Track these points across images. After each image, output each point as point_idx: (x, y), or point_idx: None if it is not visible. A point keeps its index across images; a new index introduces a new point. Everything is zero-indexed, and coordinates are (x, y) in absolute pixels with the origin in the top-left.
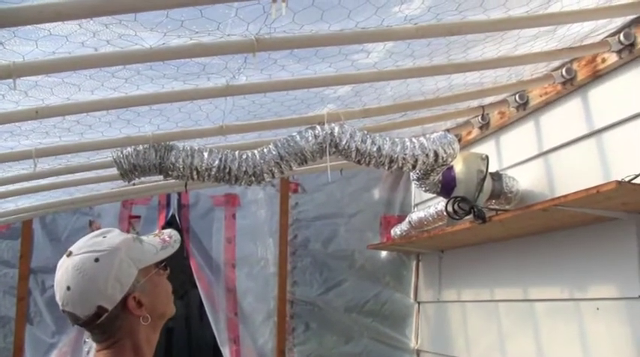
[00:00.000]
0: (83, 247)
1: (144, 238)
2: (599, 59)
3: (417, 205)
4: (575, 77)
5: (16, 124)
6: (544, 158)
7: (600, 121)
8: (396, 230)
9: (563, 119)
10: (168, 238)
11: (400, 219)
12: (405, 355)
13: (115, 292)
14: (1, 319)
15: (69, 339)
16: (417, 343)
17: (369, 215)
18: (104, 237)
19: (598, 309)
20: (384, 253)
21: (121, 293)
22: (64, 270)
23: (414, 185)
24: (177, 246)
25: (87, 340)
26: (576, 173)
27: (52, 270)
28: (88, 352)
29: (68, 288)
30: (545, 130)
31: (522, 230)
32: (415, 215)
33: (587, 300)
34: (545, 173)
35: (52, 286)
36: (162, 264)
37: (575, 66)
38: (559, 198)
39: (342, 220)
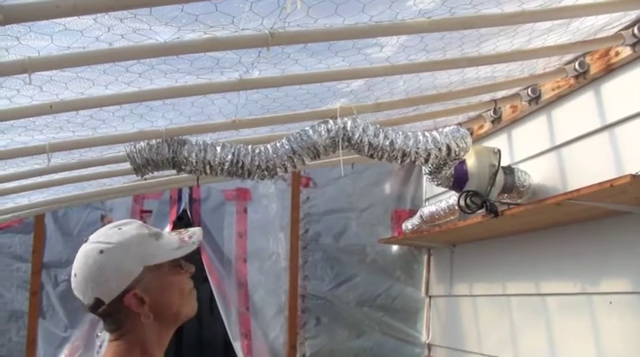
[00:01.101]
0: (97, 236)
1: (164, 234)
2: (612, 53)
3: (428, 199)
4: (588, 71)
5: (31, 118)
6: (556, 152)
7: (613, 115)
8: (407, 224)
9: (576, 113)
10: (187, 239)
11: (411, 213)
12: (416, 350)
13: (112, 287)
14: (15, 313)
15: (81, 333)
16: (428, 337)
17: (380, 209)
18: (119, 229)
19: (611, 303)
20: (395, 248)
21: (118, 288)
22: (78, 256)
23: (425, 179)
24: (194, 247)
25: (99, 334)
26: (589, 167)
27: (64, 264)
28: (101, 346)
29: (75, 275)
30: (558, 124)
31: (535, 224)
32: (426, 209)
33: (599, 294)
34: (558, 167)
35: (65, 280)
36: (181, 262)
37: (588, 59)
38: (572, 192)
39: (354, 215)
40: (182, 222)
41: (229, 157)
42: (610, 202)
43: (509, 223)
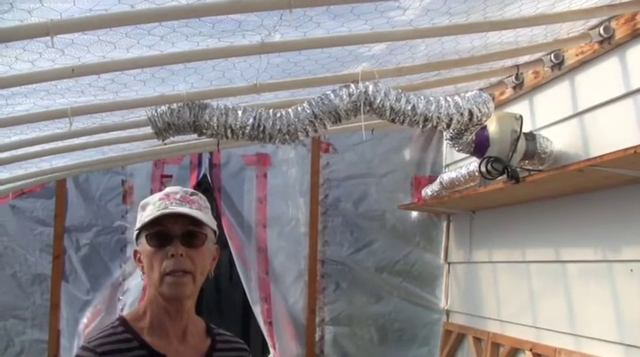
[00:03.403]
0: None
1: (149, 207)
2: (639, 17)
3: (448, 165)
4: (613, 36)
5: (53, 82)
6: (579, 119)
7: (638, 81)
8: (427, 191)
9: (600, 79)
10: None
11: (431, 179)
12: (435, 315)
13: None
14: (38, 277)
15: (103, 296)
16: (446, 303)
17: (400, 175)
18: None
19: (632, 270)
20: (414, 214)
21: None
22: None
23: (445, 145)
24: (145, 221)
25: (121, 297)
26: (612, 134)
27: (85, 229)
28: (122, 310)
29: None
30: (581, 90)
31: (556, 191)
32: (446, 176)
33: (620, 262)
34: (580, 134)
35: (86, 244)
36: (150, 233)
37: (613, 24)
38: (595, 158)
39: (373, 180)
40: (201, 187)
41: (250, 121)
42: (633, 169)
43: (530, 189)
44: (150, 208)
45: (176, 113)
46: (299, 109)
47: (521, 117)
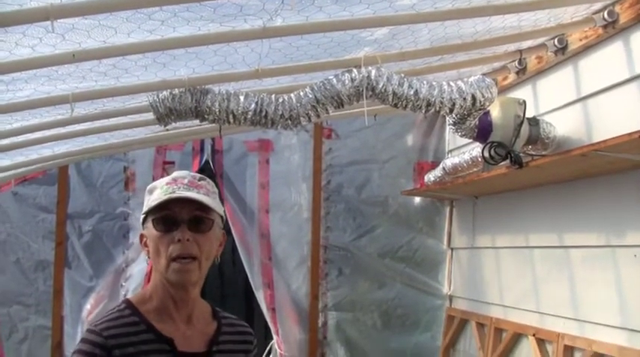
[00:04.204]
0: None
1: (156, 191)
2: None
3: (450, 151)
4: (617, 20)
5: (53, 68)
6: (582, 104)
7: None
8: (430, 176)
9: (603, 64)
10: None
11: (434, 165)
12: (438, 301)
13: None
14: (41, 263)
15: (106, 283)
16: (449, 289)
17: (403, 161)
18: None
19: (635, 256)
20: (417, 200)
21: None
22: None
23: (448, 131)
24: (152, 205)
25: (124, 284)
26: (616, 119)
27: (88, 215)
28: (125, 296)
29: None
30: (584, 75)
31: (559, 176)
32: (449, 161)
33: (624, 247)
34: (584, 119)
35: (89, 231)
36: (156, 218)
37: (617, 8)
38: (599, 143)
39: (376, 166)
40: (204, 173)
41: (253, 106)
42: (637, 154)
43: (533, 174)
44: (157, 192)
45: (178, 99)
46: (301, 94)
47: (524, 102)
